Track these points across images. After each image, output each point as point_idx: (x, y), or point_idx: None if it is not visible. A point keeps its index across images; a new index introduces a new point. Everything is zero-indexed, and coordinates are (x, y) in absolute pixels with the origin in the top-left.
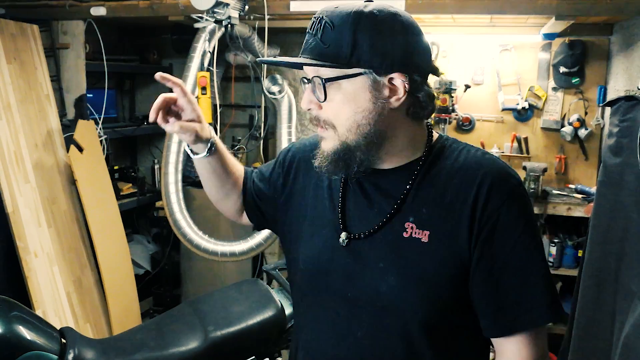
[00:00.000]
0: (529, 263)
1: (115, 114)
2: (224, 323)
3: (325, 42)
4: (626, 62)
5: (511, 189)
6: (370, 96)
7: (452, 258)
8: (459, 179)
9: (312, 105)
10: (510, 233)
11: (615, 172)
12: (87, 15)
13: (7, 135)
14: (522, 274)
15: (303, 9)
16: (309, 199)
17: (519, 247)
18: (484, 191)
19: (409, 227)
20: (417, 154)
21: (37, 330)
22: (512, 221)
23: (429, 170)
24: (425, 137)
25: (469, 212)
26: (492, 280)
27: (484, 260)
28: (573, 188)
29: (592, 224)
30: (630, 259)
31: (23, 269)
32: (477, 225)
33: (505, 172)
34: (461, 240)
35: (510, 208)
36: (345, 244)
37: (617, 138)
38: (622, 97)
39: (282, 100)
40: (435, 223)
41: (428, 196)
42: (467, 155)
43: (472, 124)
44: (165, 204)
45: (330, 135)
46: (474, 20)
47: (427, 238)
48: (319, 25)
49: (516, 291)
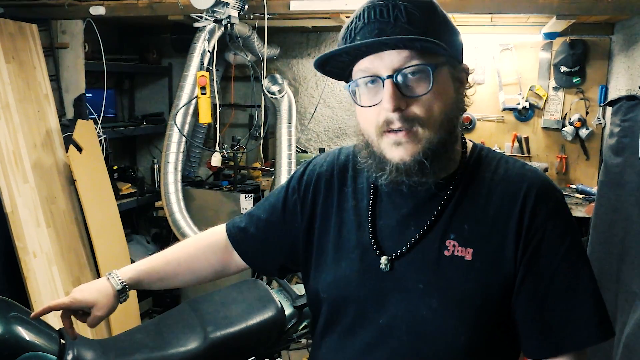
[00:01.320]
0: (577, 280)
1: (114, 113)
2: (223, 323)
3: (417, 26)
4: (627, 61)
5: (557, 203)
6: (454, 87)
7: (497, 277)
8: (501, 192)
9: (402, 103)
10: (557, 249)
11: (617, 172)
12: (86, 15)
13: (6, 135)
14: (570, 292)
15: (303, 8)
16: (332, 223)
17: (566, 263)
18: (530, 204)
19: (450, 244)
20: (454, 165)
21: (36, 330)
22: (559, 236)
23: (467, 183)
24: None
25: (515, 226)
26: (538, 299)
27: (530, 277)
28: (574, 188)
29: (593, 224)
30: (632, 260)
31: (22, 269)
32: (523, 240)
33: (549, 185)
34: (507, 257)
35: (556, 222)
36: (387, 268)
37: (618, 138)
38: (623, 97)
39: (282, 100)
40: (479, 240)
41: (469, 211)
42: (506, 167)
43: (473, 123)
44: (165, 204)
45: (418, 137)
46: (474, 20)
47: (471, 256)
48: (397, 11)
49: (563, 311)
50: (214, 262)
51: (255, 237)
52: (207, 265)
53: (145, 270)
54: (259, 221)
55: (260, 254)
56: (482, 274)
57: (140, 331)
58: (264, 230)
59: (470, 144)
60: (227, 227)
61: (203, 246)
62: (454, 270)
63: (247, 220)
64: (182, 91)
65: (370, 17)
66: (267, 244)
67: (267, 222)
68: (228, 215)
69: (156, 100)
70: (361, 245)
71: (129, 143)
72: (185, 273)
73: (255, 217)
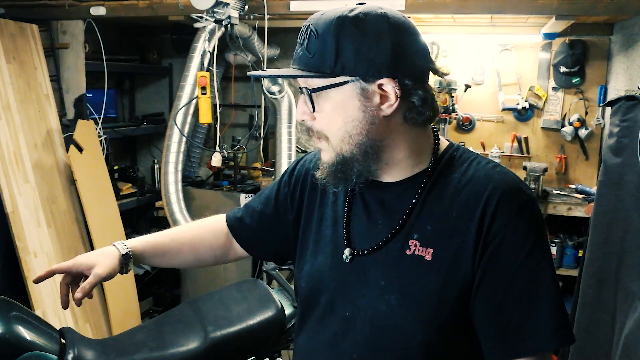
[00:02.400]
0: (536, 285)
1: (115, 113)
2: (224, 323)
3: (310, 52)
4: (627, 61)
5: (520, 205)
6: (359, 104)
7: (456, 277)
8: (466, 193)
9: (305, 115)
10: (516, 252)
11: (616, 172)
12: (87, 15)
13: (7, 135)
14: (528, 297)
15: (303, 8)
16: (314, 217)
17: (525, 267)
18: (492, 206)
19: (412, 244)
20: (423, 165)
21: (37, 330)
22: (520, 240)
23: (435, 183)
24: (432, 145)
25: (475, 229)
26: (495, 302)
27: (487, 280)
28: (573, 188)
29: (593, 224)
30: (631, 259)
31: (22, 269)
32: (482, 242)
33: (515, 187)
34: (466, 258)
35: (518, 225)
36: (348, 260)
37: (617, 138)
38: (622, 97)
39: (282, 100)
40: (440, 240)
41: (433, 212)
42: (476, 168)
43: (472, 124)
44: (165, 204)
45: (325, 147)
46: (474, 20)
47: (431, 256)
48: (306, 34)
49: (520, 315)
50: (215, 247)
51: (250, 227)
52: (208, 249)
53: (151, 243)
54: (254, 212)
55: (255, 242)
56: (440, 274)
57: (140, 331)
58: (259, 220)
59: (445, 144)
60: (226, 216)
61: (206, 230)
62: (413, 269)
63: (244, 211)
64: (183, 91)
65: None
66: (261, 233)
67: (261, 213)
68: None
69: (156, 100)
70: (334, 240)
71: (130, 143)
72: (188, 252)
73: (251, 208)
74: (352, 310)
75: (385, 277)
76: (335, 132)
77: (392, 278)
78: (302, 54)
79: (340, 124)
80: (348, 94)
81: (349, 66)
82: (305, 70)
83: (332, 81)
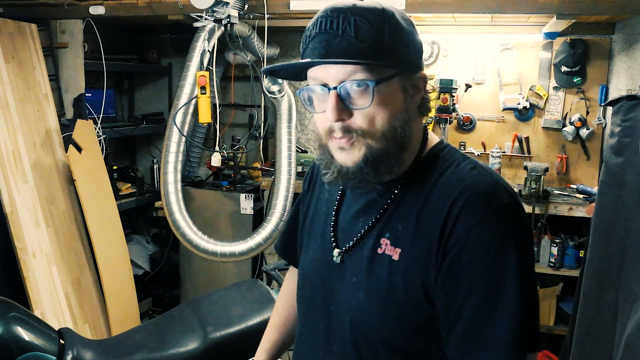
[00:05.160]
0: (496, 295)
1: (114, 113)
2: (223, 324)
3: (364, 41)
4: (628, 61)
5: (488, 210)
6: (403, 97)
7: (420, 279)
8: (437, 194)
9: (344, 114)
10: (477, 260)
11: (617, 172)
12: (86, 14)
13: (6, 134)
14: (485, 308)
15: (303, 7)
16: (311, 213)
17: (486, 276)
18: (456, 210)
19: (384, 243)
20: (407, 164)
21: (36, 331)
22: (482, 246)
23: (414, 182)
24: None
25: (439, 232)
26: (454, 309)
27: (447, 286)
28: (574, 188)
29: (594, 224)
30: (632, 259)
31: (21, 269)
32: (444, 246)
33: (487, 190)
34: (430, 261)
35: (481, 231)
36: (339, 260)
37: (619, 138)
38: (624, 97)
39: (282, 99)
40: (408, 241)
41: (406, 211)
42: (454, 169)
43: (473, 123)
44: (165, 204)
45: (359, 144)
46: (474, 20)
47: (398, 256)
48: (346, 23)
49: (476, 325)
50: None
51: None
52: None
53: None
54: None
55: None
56: (405, 274)
57: (140, 331)
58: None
59: (434, 142)
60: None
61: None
62: (382, 268)
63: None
64: (182, 91)
65: (321, 27)
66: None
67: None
68: (228, 215)
69: (156, 100)
70: (323, 236)
71: (129, 143)
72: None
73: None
74: (333, 304)
75: (357, 274)
76: (380, 128)
77: (363, 275)
78: (349, 44)
79: (387, 118)
80: (395, 86)
81: (400, 57)
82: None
83: (387, 72)
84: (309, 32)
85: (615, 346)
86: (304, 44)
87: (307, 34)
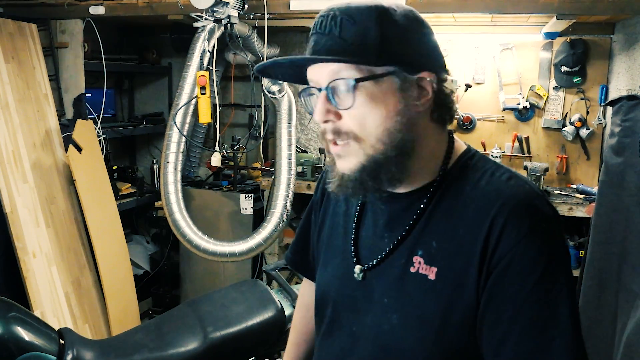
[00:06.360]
0: (547, 315)
1: (114, 113)
2: (223, 324)
3: (346, 39)
4: (628, 61)
5: (533, 224)
6: (399, 98)
7: (459, 300)
8: (474, 209)
9: (330, 115)
10: (524, 278)
11: (617, 172)
12: (86, 14)
13: (6, 134)
14: (536, 329)
15: (303, 7)
16: (326, 226)
17: (535, 295)
18: (499, 224)
19: (417, 261)
20: (435, 174)
21: (36, 331)
22: (529, 263)
23: (444, 195)
24: (445, 151)
25: (480, 250)
26: (500, 333)
27: (492, 307)
28: (574, 188)
29: (594, 224)
30: (632, 260)
31: (21, 269)
32: (487, 264)
33: (528, 203)
34: (470, 281)
35: (527, 247)
36: (360, 278)
37: (618, 138)
38: (624, 97)
39: (282, 99)
40: (445, 259)
41: (440, 227)
42: (489, 180)
43: (473, 123)
44: (165, 204)
45: (353, 151)
46: (474, 20)
47: (435, 275)
48: (333, 22)
49: (526, 349)
50: None
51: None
52: None
53: None
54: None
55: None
56: (443, 295)
57: (139, 331)
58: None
59: (461, 149)
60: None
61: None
62: (416, 288)
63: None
64: (182, 91)
65: (315, 28)
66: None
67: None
68: (228, 215)
69: (156, 100)
70: (343, 252)
71: (129, 143)
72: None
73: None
74: (358, 325)
75: (388, 295)
76: (372, 131)
77: (395, 296)
78: (333, 43)
79: (379, 120)
80: (389, 87)
81: (393, 56)
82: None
83: (376, 71)
84: (309, 32)
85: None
86: (306, 42)
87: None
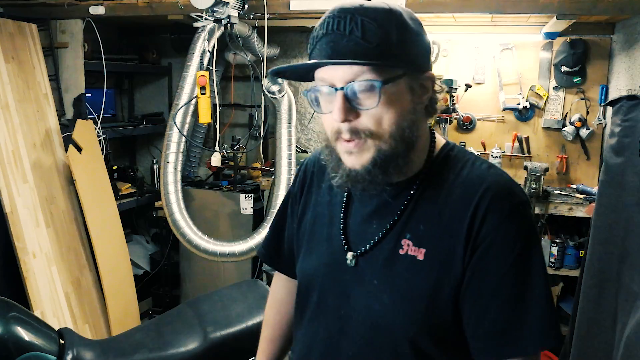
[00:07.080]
0: (524, 288)
1: (114, 113)
2: (223, 324)
3: (371, 41)
4: (628, 61)
5: (512, 207)
6: (411, 97)
7: (447, 278)
8: (459, 194)
9: (350, 115)
10: (505, 255)
11: (617, 172)
12: (86, 14)
13: (6, 134)
14: (515, 300)
15: (303, 7)
16: (308, 216)
17: (514, 270)
18: (483, 208)
19: (405, 244)
20: (420, 164)
21: (36, 331)
22: (509, 242)
23: (429, 183)
24: (428, 144)
25: (465, 230)
26: (482, 304)
27: (475, 281)
28: (574, 188)
29: (594, 224)
30: (632, 260)
31: (21, 269)
32: (472, 243)
33: (508, 189)
34: (457, 259)
35: (508, 228)
36: (353, 264)
37: (619, 138)
38: (624, 97)
39: (282, 100)
40: (432, 240)
41: (426, 212)
42: (471, 169)
43: (473, 123)
44: (165, 204)
45: (368, 147)
46: (474, 20)
47: (423, 256)
48: (354, 24)
49: (507, 318)
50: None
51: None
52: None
53: None
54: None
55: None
56: (431, 273)
57: (139, 331)
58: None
59: (442, 142)
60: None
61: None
62: (405, 269)
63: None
64: (182, 91)
65: (329, 28)
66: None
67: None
68: (228, 216)
69: (156, 100)
70: (330, 239)
71: (129, 143)
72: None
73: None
74: (347, 308)
75: (378, 277)
76: (387, 128)
77: (385, 277)
78: (356, 44)
79: (394, 118)
80: (402, 86)
81: (407, 57)
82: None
83: (396, 72)
84: (316, 32)
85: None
86: (312, 44)
87: (314, 34)
